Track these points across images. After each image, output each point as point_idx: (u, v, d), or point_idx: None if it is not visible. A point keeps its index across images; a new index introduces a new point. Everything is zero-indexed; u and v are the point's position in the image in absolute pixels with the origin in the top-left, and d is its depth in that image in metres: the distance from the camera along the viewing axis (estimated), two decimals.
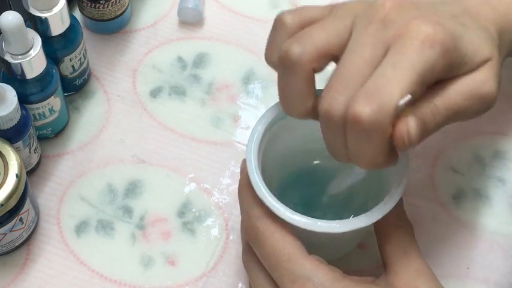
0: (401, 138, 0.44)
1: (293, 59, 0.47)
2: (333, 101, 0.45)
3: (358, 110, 0.44)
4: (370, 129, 0.44)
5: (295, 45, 0.47)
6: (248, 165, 0.51)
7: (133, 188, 0.62)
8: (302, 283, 0.48)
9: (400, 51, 0.45)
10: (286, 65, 0.47)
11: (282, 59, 0.48)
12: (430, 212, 0.62)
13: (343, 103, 0.45)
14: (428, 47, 0.45)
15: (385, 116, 0.44)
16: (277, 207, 0.49)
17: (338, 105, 0.45)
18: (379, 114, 0.43)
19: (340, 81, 0.46)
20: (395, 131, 0.44)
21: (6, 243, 0.58)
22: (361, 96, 0.44)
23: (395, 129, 0.44)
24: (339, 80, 0.46)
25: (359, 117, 0.44)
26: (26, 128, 0.58)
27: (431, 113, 0.46)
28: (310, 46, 0.47)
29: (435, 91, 0.47)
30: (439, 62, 0.45)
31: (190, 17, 0.70)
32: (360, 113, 0.44)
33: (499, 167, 0.64)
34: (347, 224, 0.49)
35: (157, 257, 0.60)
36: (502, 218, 0.62)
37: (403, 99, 0.44)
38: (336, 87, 0.46)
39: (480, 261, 0.60)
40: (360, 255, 0.59)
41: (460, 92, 0.47)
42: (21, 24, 0.54)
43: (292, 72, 0.47)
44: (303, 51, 0.47)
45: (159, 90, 0.67)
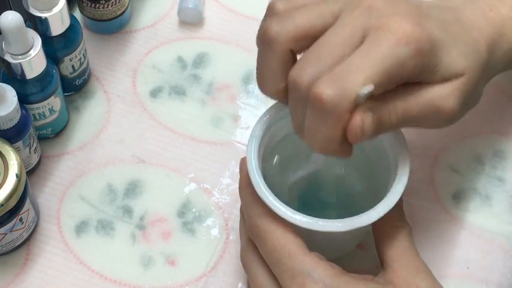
0: (354, 129, 0.45)
1: (271, 37, 0.47)
2: (302, 72, 0.46)
3: (320, 89, 0.44)
4: (327, 111, 0.44)
5: (275, 23, 0.47)
6: (248, 165, 0.51)
7: (133, 188, 0.62)
8: (302, 279, 0.48)
9: (374, 43, 0.45)
10: (264, 42, 0.48)
11: (261, 35, 0.48)
12: (430, 212, 0.62)
13: (310, 75, 0.45)
14: (403, 44, 0.45)
15: (344, 101, 0.44)
16: (278, 206, 0.50)
17: (305, 76, 0.45)
18: (339, 98, 0.44)
19: (313, 54, 0.46)
20: (351, 122, 0.45)
21: (6, 243, 0.58)
22: (326, 77, 0.45)
23: (351, 120, 0.45)
24: (312, 53, 0.46)
25: (319, 97, 0.44)
26: (26, 128, 0.58)
27: (389, 113, 0.46)
28: (289, 25, 0.47)
29: (399, 94, 0.47)
30: (410, 61, 0.45)
31: (190, 17, 0.70)
32: (321, 92, 0.44)
33: (498, 167, 0.64)
34: (348, 223, 0.49)
35: (157, 257, 0.60)
36: (502, 218, 0.62)
37: (365, 89, 0.44)
38: (307, 59, 0.46)
39: (480, 261, 0.60)
40: (360, 255, 0.59)
41: (422, 100, 0.47)
42: (21, 24, 0.54)
43: (268, 49, 0.48)
44: (282, 30, 0.47)
45: (159, 90, 0.67)
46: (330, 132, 0.45)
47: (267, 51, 0.48)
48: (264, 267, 0.51)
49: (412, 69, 0.46)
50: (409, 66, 0.46)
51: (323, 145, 0.46)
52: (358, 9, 0.47)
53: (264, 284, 0.50)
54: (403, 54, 0.45)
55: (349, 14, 0.47)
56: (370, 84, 0.44)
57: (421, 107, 0.47)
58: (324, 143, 0.46)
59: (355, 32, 0.46)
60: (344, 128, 0.45)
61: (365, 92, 0.44)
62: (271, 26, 0.47)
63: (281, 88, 0.49)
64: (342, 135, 0.45)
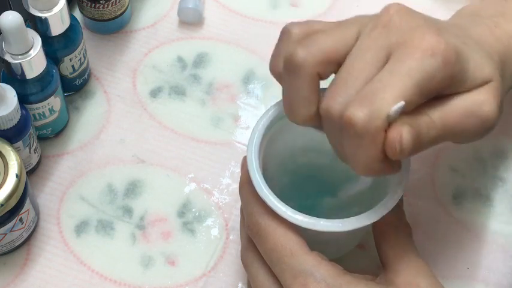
0: (393, 145, 0.44)
1: (298, 62, 0.47)
2: (332, 102, 0.45)
3: (351, 113, 0.44)
4: (361, 134, 0.44)
5: (300, 49, 0.47)
6: (249, 165, 0.51)
7: (133, 188, 0.62)
8: (304, 278, 0.48)
9: (401, 59, 0.45)
10: (291, 68, 0.47)
11: (287, 62, 0.48)
12: (430, 212, 0.62)
13: (341, 104, 0.45)
14: (429, 56, 0.45)
15: (375, 121, 0.44)
16: (279, 206, 0.50)
17: (336, 106, 0.45)
18: (370, 118, 0.44)
19: (340, 83, 0.46)
20: (388, 138, 0.44)
21: (6, 243, 0.58)
22: (356, 100, 0.44)
23: (388, 136, 0.44)
24: (339, 81, 0.46)
25: (351, 120, 0.44)
26: (26, 128, 0.58)
27: (426, 126, 0.46)
28: (315, 50, 0.47)
29: (433, 105, 0.46)
30: (439, 72, 0.45)
31: (190, 17, 0.70)
32: (352, 116, 0.44)
33: (499, 167, 0.64)
34: (349, 223, 0.49)
35: (157, 257, 0.60)
36: (503, 218, 0.62)
37: (396, 106, 0.44)
38: (335, 88, 0.46)
39: (480, 261, 0.60)
40: (360, 255, 0.59)
41: (459, 109, 0.47)
42: (21, 24, 0.54)
43: (296, 75, 0.47)
44: (308, 54, 0.47)
45: (159, 90, 0.67)
46: (369, 154, 0.45)
47: (294, 78, 0.47)
48: (265, 266, 0.51)
49: (442, 80, 0.45)
50: (438, 77, 0.45)
51: (366, 168, 0.46)
52: (376, 29, 0.46)
53: (264, 284, 0.50)
54: (431, 67, 0.45)
55: (368, 36, 0.46)
56: (401, 101, 0.44)
57: (459, 115, 0.47)
58: (366, 165, 0.45)
59: (378, 53, 0.46)
60: (382, 148, 0.45)
61: (396, 109, 0.43)
62: (297, 51, 0.47)
63: (312, 113, 0.48)
64: (382, 154, 0.45)
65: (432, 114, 0.46)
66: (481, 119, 0.47)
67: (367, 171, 0.46)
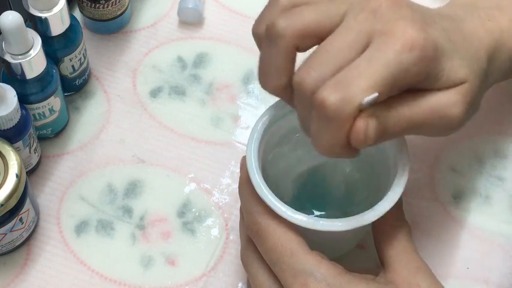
0: (358, 135, 0.45)
1: (277, 32, 0.47)
2: (306, 75, 0.46)
3: (324, 95, 0.44)
4: (331, 117, 0.44)
5: (282, 19, 0.47)
6: (248, 165, 0.51)
7: (133, 188, 0.62)
8: (304, 278, 0.48)
9: (379, 49, 0.45)
10: (270, 36, 0.48)
11: (267, 30, 0.48)
12: (430, 212, 0.62)
13: (314, 79, 0.45)
14: (408, 49, 0.45)
15: (347, 108, 0.44)
16: (279, 206, 0.50)
17: (310, 80, 0.45)
18: (343, 105, 0.44)
19: (318, 58, 0.46)
20: (354, 127, 0.45)
21: (6, 243, 0.58)
22: (330, 83, 0.45)
23: (355, 125, 0.45)
24: (316, 56, 0.46)
25: (323, 103, 0.44)
26: (26, 128, 0.58)
27: (393, 120, 0.46)
28: (296, 22, 0.47)
29: (403, 100, 0.47)
30: (415, 67, 0.45)
31: (190, 17, 0.70)
32: (325, 98, 0.44)
33: (499, 167, 0.64)
34: (348, 222, 0.49)
35: (157, 257, 0.60)
36: (502, 218, 0.62)
37: (369, 96, 0.44)
38: (312, 63, 0.46)
39: (480, 261, 0.60)
40: (360, 255, 0.59)
41: (427, 107, 0.47)
42: (21, 24, 0.54)
43: (274, 44, 0.48)
44: (288, 25, 0.47)
45: (159, 90, 0.67)
46: (334, 137, 0.45)
47: (271, 45, 0.48)
48: (264, 266, 0.51)
49: (416, 75, 0.46)
50: (412, 72, 0.45)
51: (327, 149, 0.46)
52: (363, 12, 0.46)
53: (264, 283, 0.50)
54: (408, 61, 0.45)
55: (355, 18, 0.46)
56: (375, 92, 0.44)
57: (426, 113, 0.47)
58: (328, 146, 0.46)
59: (359, 37, 0.46)
60: (348, 133, 0.45)
61: (369, 99, 0.44)
62: (278, 21, 0.47)
63: (283, 84, 0.48)
64: (346, 139, 0.45)
65: (400, 109, 0.47)
66: (446, 120, 0.48)
67: (327, 153, 0.46)
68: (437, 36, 0.47)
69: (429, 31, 0.46)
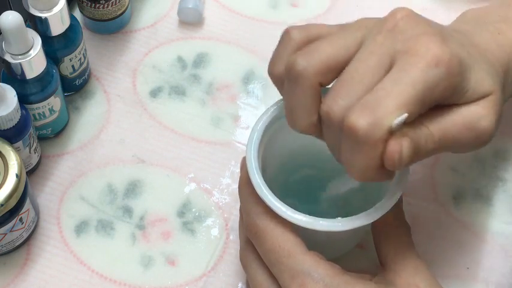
0: (392, 157, 0.44)
1: (298, 72, 0.47)
2: (333, 104, 0.45)
3: (353, 120, 0.44)
4: (362, 142, 0.44)
5: (301, 58, 0.47)
6: (248, 165, 0.51)
7: (133, 188, 0.62)
8: (302, 279, 0.48)
9: (404, 68, 0.45)
10: (292, 77, 0.47)
11: (288, 71, 0.47)
12: (430, 212, 0.62)
13: (342, 107, 0.45)
14: (433, 66, 0.44)
15: (378, 131, 0.44)
16: (279, 206, 0.50)
17: (337, 108, 0.45)
18: (373, 129, 0.43)
19: (342, 86, 0.46)
20: (388, 149, 0.44)
21: (6, 243, 0.58)
22: (358, 107, 0.44)
23: (388, 147, 0.44)
24: (341, 84, 0.46)
25: (353, 128, 0.44)
26: (26, 128, 0.58)
27: (425, 139, 0.46)
28: (316, 59, 0.47)
29: (432, 117, 0.46)
30: (442, 83, 0.45)
31: (190, 17, 0.70)
32: (354, 123, 0.44)
33: (499, 167, 0.64)
34: (348, 222, 0.49)
35: (157, 257, 0.60)
36: (502, 218, 0.62)
37: (399, 117, 0.43)
38: (337, 91, 0.46)
39: (480, 261, 0.60)
40: (360, 255, 0.59)
41: (457, 123, 0.47)
42: (21, 24, 0.54)
43: (297, 85, 0.47)
44: (309, 64, 0.47)
45: (159, 90, 0.67)
46: (367, 161, 0.45)
47: (295, 87, 0.47)
48: (263, 266, 0.51)
49: (444, 91, 0.45)
50: (440, 88, 0.45)
51: (362, 174, 0.46)
52: (381, 34, 0.46)
53: (263, 284, 0.50)
54: (435, 77, 0.44)
55: (374, 41, 0.46)
56: (404, 112, 0.44)
57: (458, 129, 0.47)
58: (362, 171, 0.45)
59: (382, 59, 0.45)
60: (381, 157, 0.45)
61: (399, 120, 0.43)
62: (297, 61, 0.47)
63: (314, 122, 0.48)
64: (380, 163, 0.45)
65: (431, 127, 0.46)
66: (478, 133, 0.47)
67: (362, 177, 0.46)
68: (458, 50, 0.46)
69: (450, 45, 0.46)
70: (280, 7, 0.72)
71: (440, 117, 0.47)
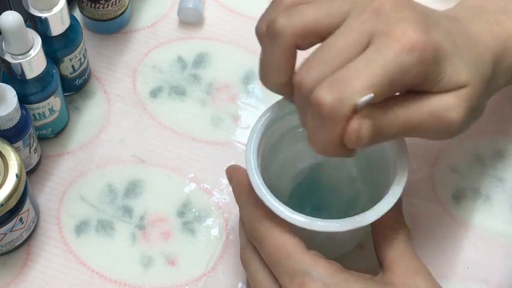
0: (350, 135, 0.45)
1: (277, 30, 0.47)
2: (306, 75, 0.46)
3: (320, 95, 0.44)
4: (325, 117, 0.44)
5: (283, 17, 0.47)
6: (248, 165, 0.51)
7: (133, 188, 0.62)
8: (301, 278, 0.48)
9: (378, 49, 0.45)
10: (270, 34, 0.48)
11: (268, 27, 0.48)
12: (430, 212, 0.62)
13: (314, 79, 0.45)
14: (407, 50, 0.45)
15: (342, 108, 0.44)
16: (277, 206, 0.50)
17: (309, 79, 0.45)
18: (338, 105, 0.44)
19: (318, 58, 0.46)
20: (348, 127, 0.44)
21: (6, 243, 0.58)
22: (327, 83, 0.44)
23: (348, 125, 0.44)
24: (317, 56, 0.46)
25: (319, 102, 0.44)
26: (26, 128, 0.58)
27: (389, 121, 0.46)
28: (296, 20, 0.47)
29: (401, 102, 0.47)
30: (414, 68, 0.45)
31: (190, 17, 0.70)
32: (320, 98, 0.44)
33: (499, 167, 0.64)
34: (346, 223, 0.49)
35: (157, 257, 0.60)
36: (502, 218, 0.62)
37: (365, 97, 0.44)
38: (312, 62, 0.46)
39: (480, 261, 0.60)
40: (360, 255, 0.59)
41: (425, 110, 0.47)
42: (21, 24, 0.54)
43: (274, 42, 0.48)
44: (289, 23, 0.47)
45: (159, 90, 0.67)
46: (328, 136, 0.45)
47: (272, 44, 0.48)
48: (263, 266, 0.51)
49: (415, 77, 0.45)
50: (411, 74, 0.45)
51: (321, 147, 0.46)
52: (365, 12, 0.46)
53: (263, 283, 0.51)
54: (406, 62, 0.45)
55: (357, 17, 0.46)
56: (370, 93, 0.44)
57: (424, 116, 0.47)
58: (322, 145, 0.46)
59: (360, 37, 0.46)
60: (342, 133, 0.45)
61: (364, 100, 0.44)
62: (279, 19, 0.47)
63: (283, 82, 0.49)
64: (341, 139, 0.45)
65: (398, 111, 0.46)
66: (445, 124, 0.47)
67: (321, 151, 0.46)
68: (439, 38, 0.46)
69: (431, 33, 0.46)
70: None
71: (409, 103, 0.47)
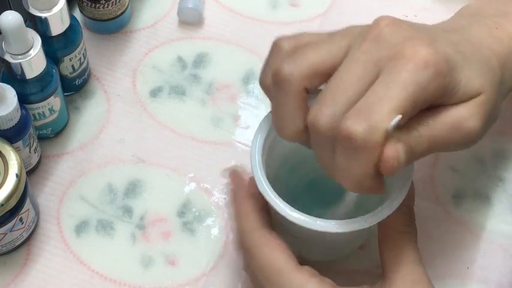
0: (389, 162, 0.44)
1: (284, 77, 0.47)
2: (319, 114, 0.45)
3: (349, 126, 0.43)
4: (359, 148, 0.43)
5: (287, 64, 0.47)
6: (252, 160, 0.51)
7: (133, 188, 0.62)
8: None
9: (393, 71, 0.44)
10: (278, 83, 0.47)
11: (274, 77, 0.47)
12: (430, 212, 0.62)
13: (328, 116, 0.45)
14: (422, 68, 0.44)
15: (375, 135, 0.43)
16: (277, 203, 0.49)
17: (324, 118, 0.45)
18: (370, 133, 0.43)
19: (328, 95, 0.45)
20: (385, 155, 0.44)
21: (6, 243, 0.58)
22: (352, 113, 0.44)
23: (385, 152, 0.44)
24: (327, 93, 0.46)
25: (350, 134, 0.43)
26: (26, 128, 0.58)
27: (416, 142, 0.46)
28: (301, 64, 0.47)
29: (421, 119, 0.46)
30: (432, 84, 0.45)
31: (190, 17, 0.70)
32: (350, 130, 0.43)
33: (499, 167, 0.64)
34: (345, 225, 0.49)
35: (157, 257, 0.60)
36: (502, 218, 0.62)
37: (394, 120, 0.43)
38: (322, 101, 0.45)
39: (480, 261, 0.60)
40: (360, 255, 0.59)
41: (445, 124, 0.47)
42: (21, 24, 0.54)
43: (283, 90, 0.47)
44: (294, 69, 0.46)
45: (159, 90, 0.67)
46: (363, 169, 0.44)
47: (281, 92, 0.47)
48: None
49: (434, 91, 0.45)
50: (431, 89, 0.45)
51: (357, 183, 0.45)
52: (366, 42, 0.46)
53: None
54: (424, 78, 0.44)
55: (358, 48, 0.46)
56: (398, 115, 0.43)
57: (445, 130, 0.46)
58: (358, 180, 0.45)
59: (367, 67, 0.45)
60: (377, 163, 0.44)
61: (394, 123, 0.43)
62: (283, 66, 0.47)
63: (300, 128, 0.48)
64: (375, 170, 0.45)
65: (421, 129, 0.46)
66: (465, 133, 0.47)
67: (357, 187, 0.46)
68: (447, 50, 0.46)
69: (438, 47, 0.46)
70: (280, 7, 0.72)
71: (429, 119, 0.46)
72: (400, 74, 0.44)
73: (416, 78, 0.44)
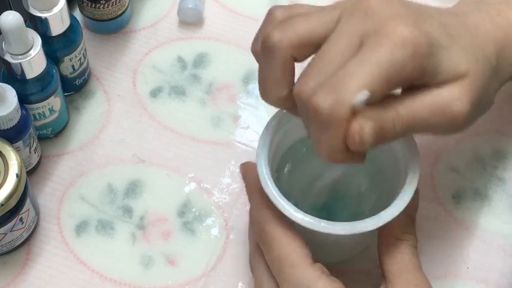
0: (352, 137, 0.44)
1: (272, 44, 0.47)
2: (303, 86, 0.46)
3: (316, 100, 0.44)
4: (325, 121, 0.44)
5: (276, 31, 0.47)
6: (257, 160, 0.51)
7: (134, 188, 0.62)
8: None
9: (371, 48, 0.44)
10: (266, 49, 0.48)
11: (262, 43, 0.48)
12: (430, 212, 0.62)
13: (311, 88, 0.45)
14: (400, 46, 0.44)
15: (340, 110, 0.44)
16: (282, 203, 0.49)
17: (307, 90, 0.45)
18: (335, 108, 0.43)
19: (313, 67, 0.46)
20: (349, 130, 0.44)
21: (6, 243, 0.58)
22: (322, 88, 0.44)
23: (349, 128, 0.44)
24: (312, 65, 0.46)
25: (316, 108, 0.44)
26: (26, 128, 0.58)
27: (392, 120, 0.45)
28: (290, 33, 0.47)
29: (402, 98, 0.46)
30: (409, 63, 0.44)
31: (190, 17, 0.70)
32: (317, 104, 0.44)
33: (499, 167, 0.64)
34: (348, 227, 0.49)
35: (157, 257, 0.60)
36: (502, 218, 0.62)
37: (360, 95, 0.43)
38: (308, 72, 0.46)
39: (480, 261, 0.60)
40: (361, 255, 0.59)
41: (427, 105, 0.46)
42: (21, 24, 0.54)
43: (270, 57, 0.48)
44: (283, 37, 0.47)
45: (159, 90, 0.67)
46: (332, 141, 0.45)
47: (268, 58, 0.48)
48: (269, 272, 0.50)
49: (411, 71, 0.45)
50: (407, 69, 0.45)
51: (328, 154, 0.46)
52: (355, 14, 0.46)
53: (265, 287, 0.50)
54: (400, 57, 0.44)
55: (347, 21, 0.46)
56: (365, 91, 0.43)
57: (426, 111, 0.46)
58: (328, 152, 0.45)
59: (352, 40, 0.45)
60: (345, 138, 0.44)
61: (359, 98, 0.43)
62: (273, 33, 0.47)
63: (284, 95, 0.48)
64: (345, 144, 0.45)
65: (400, 108, 0.46)
66: (449, 117, 0.46)
67: (329, 158, 0.46)
68: (432, 31, 0.46)
69: (423, 26, 0.45)
70: None
71: (410, 99, 0.46)
72: (376, 51, 0.44)
73: (391, 56, 0.44)
